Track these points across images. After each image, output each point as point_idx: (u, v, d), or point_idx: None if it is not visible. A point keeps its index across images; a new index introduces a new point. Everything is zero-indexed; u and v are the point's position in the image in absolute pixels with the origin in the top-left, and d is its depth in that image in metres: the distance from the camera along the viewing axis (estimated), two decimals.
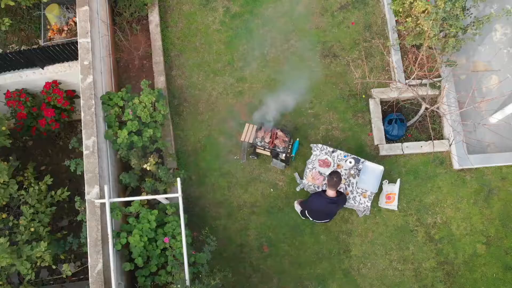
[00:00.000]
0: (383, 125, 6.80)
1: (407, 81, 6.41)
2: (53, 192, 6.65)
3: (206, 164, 6.87)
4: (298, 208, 6.54)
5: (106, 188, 5.34)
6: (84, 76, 5.96)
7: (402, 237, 6.53)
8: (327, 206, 5.43)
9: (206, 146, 6.95)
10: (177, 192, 5.56)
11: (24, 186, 6.72)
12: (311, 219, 5.92)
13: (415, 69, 5.68)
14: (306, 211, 5.81)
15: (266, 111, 6.90)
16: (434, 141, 6.64)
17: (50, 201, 6.66)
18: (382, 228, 6.56)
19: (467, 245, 6.51)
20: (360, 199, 6.07)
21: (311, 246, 6.53)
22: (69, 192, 6.74)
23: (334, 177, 5.23)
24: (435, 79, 6.50)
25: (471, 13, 6.43)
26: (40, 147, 7.84)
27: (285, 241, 6.58)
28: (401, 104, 6.95)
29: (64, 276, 6.66)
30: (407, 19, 6.28)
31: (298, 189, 6.55)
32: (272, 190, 6.78)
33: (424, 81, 6.46)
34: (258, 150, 6.76)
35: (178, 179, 5.37)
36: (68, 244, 6.58)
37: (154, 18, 7.28)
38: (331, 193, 5.33)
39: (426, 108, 6.17)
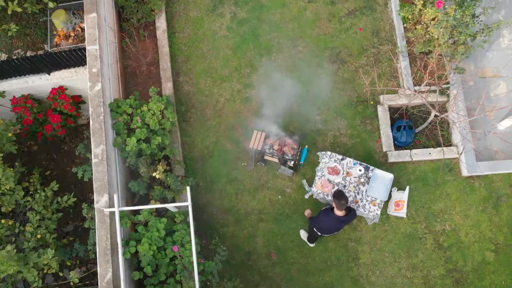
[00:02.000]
0: (392, 131, 6.79)
1: (417, 88, 6.39)
2: (59, 198, 6.63)
3: (213, 170, 6.86)
4: (304, 236, 6.51)
5: (115, 196, 5.31)
6: (93, 83, 5.93)
7: (411, 244, 6.52)
8: (336, 224, 5.41)
9: (214, 152, 6.93)
10: (186, 200, 5.53)
11: (30, 192, 6.69)
12: (319, 234, 5.84)
13: (426, 76, 5.67)
14: (314, 228, 5.73)
15: (273, 118, 6.91)
16: (446, 148, 6.63)
17: (56, 207, 6.64)
18: (391, 236, 6.55)
19: (476, 253, 6.50)
20: (370, 207, 6.06)
21: (320, 254, 6.52)
22: (75, 198, 6.72)
23: (342, 200, 5.13)
24: (443, 86, 6.48)
25: (481, 20, 6.42)
26: (45, 152, 7.81)
27: (293, 249, 6.57)
28: (410, 111, 6.94)
29: (71, 283, 6.64)
30: (416, 26, 6.27)
31: (306, 196, 6.54)
32: (280, 197, 6.76)
33: (433, 87, 6.44)
34: (266, 157, 6.75)
35: (188, 188, 5.34)
36: (74, 251, 6.57)
37: (161, 24, 7.26)
38: (340, 212, 5.28)
39: (436, 116, 6.16)
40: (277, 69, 7.23)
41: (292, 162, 6.46)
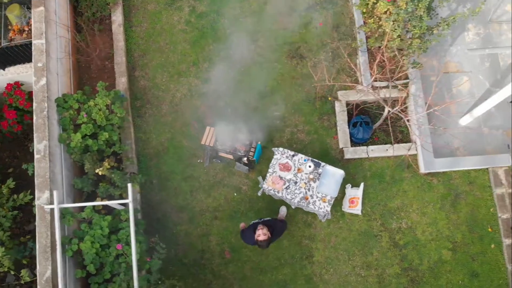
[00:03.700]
0: (348, 128, 6.72)
1: (368, 83, 6.30)
2: (15, 196, 6.56)
3: (168, 167, 6.80)
4: None
5: (55, 193, 5.25)
6: (38, 78, 5.86)
7: (365, 242, 6.46)
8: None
9: (169, 149, 6.87)
10: (134, 198, 5.47)
11: None
12: None
13: (374, 71, 5.58)
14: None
15: (230, 114, 6.85)
16: (401, 144, 6.57)
17: (12, 205, 6.57)
18: (346, 233, 6.49)
19: (432, 251, 6.44)
20: (320, 204, 5.99)
21: (273, 252, 6.46)
22: (32, 196, 6.64)
23: (265, 244, 5.06)
24: (399, 82, 6.39)
25: (437, 13, 6.33)
26: (8, 149, 7.73)
27: (247, 247, 6.49)
28: (368, 106, 6.86)
29: (23, 282, 6.57)
30: (369, 20, 6.18)
31: (259, 193, 6.46)
32: (235, 194, 6.70)
33: (392, 83, 6.35)
34: (221, 154, 6.67)
35: (129, 185, 5.28)
36: (28, 249, 6.50)
37: (117, 17, 7.19)
38: (262, 238, 5.13)
39: (390, 111, 6.07)
40: (235, 64, 7.16)
41: (245, 159, 6.39)
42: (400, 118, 6.81)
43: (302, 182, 6.07)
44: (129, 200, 5.28)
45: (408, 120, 6.73)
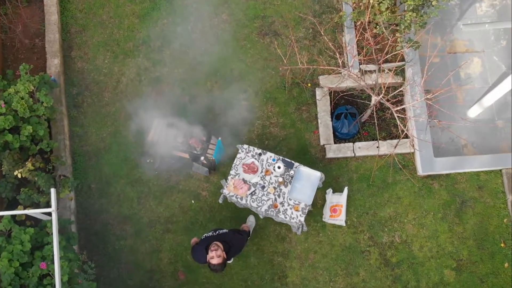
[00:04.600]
0: (331, 120, 6.78)
1: (351, 66, 6.33)
2: None
3: (110, 169, 6.84)
4: None
5: None
6: None
7: (350, 259, 6.53)
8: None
9: (112, 146, 6.91)
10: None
11: None
12: None
13: (349, 51, 5.63)
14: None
15: (187, 103, 6.89)
16: (393, 140, 6.63)
17: None
18: (327, 248, 6.55)
19: (432, 271, 6.51)
20: (292, 213, 6.04)
21: (239, 271, 6.52)
22: None
23: (219, 268, 5.13)
24: (390, 64, 6.45)
25: None
26: None
27: (206, 266, 6.52)
28: (356, 94, 6.93)
29: None
30: None
31: (220, 200, 6.51)
32: (193, 201, 6.76)
33: (377, 66, 6.41)
34: (176, 152, 6.70)
35: (52, 190, 5.29)
36: None
37: None
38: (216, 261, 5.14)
39: (376, 100, 6.12)
40: (195, 42, 7.22)
41: (203, 158, 6.42)
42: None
43: (270, 187, 6.11)
44: (52, 209, 5.29)
45: (404, 110, 6.81)
